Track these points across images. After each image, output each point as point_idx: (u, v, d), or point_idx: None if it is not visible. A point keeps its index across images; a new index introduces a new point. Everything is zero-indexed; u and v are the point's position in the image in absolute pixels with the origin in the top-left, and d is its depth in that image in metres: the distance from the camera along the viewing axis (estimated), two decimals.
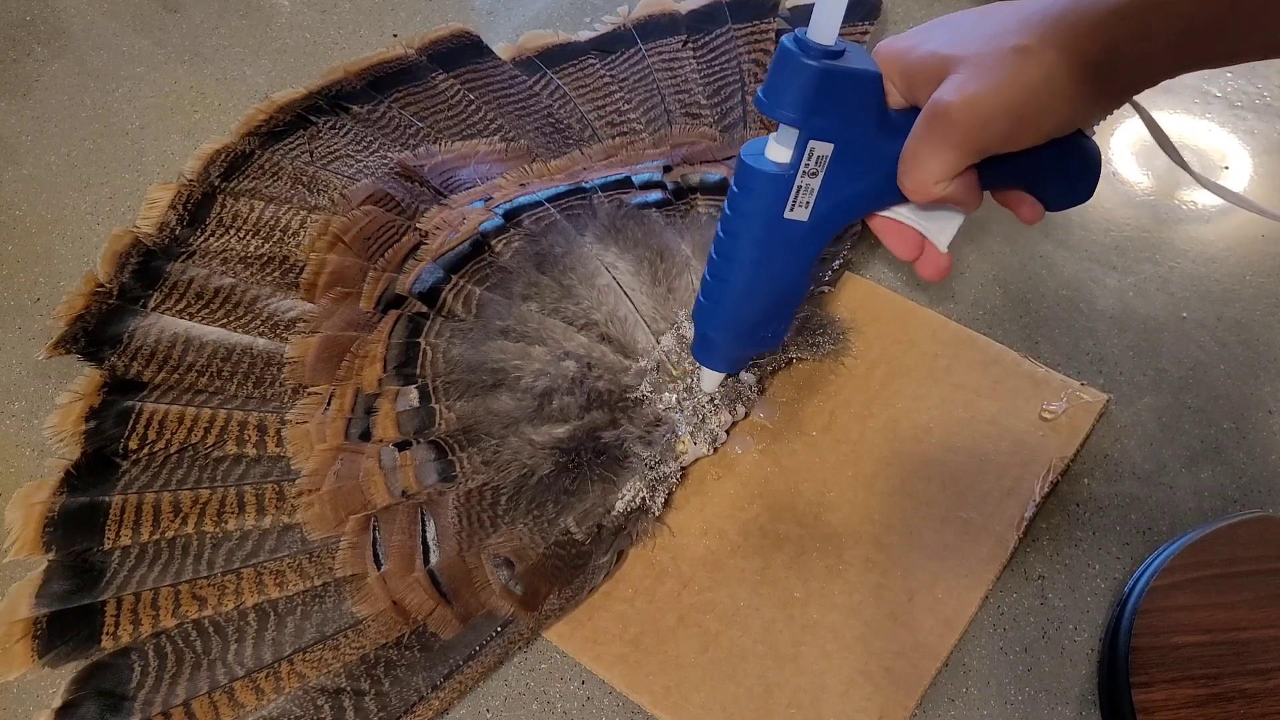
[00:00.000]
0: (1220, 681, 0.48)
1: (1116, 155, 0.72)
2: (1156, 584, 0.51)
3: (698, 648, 0.52)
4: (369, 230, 0.67)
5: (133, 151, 0.78)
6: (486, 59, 0.80)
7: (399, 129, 0.75)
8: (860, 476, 0.57)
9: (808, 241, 0.44)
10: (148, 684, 0.51)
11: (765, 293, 0.46)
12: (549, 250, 0.63)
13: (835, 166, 0.41)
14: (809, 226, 0.43)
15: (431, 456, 0.56)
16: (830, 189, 0.42)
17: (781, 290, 0.46)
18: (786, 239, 0.43)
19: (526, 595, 0.52)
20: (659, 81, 0.77)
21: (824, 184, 0.42)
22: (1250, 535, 0.52)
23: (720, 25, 0.79)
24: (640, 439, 0.55)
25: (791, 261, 0.45)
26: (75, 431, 0.60)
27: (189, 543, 0.56)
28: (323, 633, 0.52)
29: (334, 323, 0.63)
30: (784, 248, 0.44)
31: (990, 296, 0.65)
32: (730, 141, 0.72)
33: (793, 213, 0.43)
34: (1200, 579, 0.51)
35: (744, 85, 0.75)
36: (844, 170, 0.41)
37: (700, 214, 0.66)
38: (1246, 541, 0.52)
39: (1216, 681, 0.48)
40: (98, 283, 0.66)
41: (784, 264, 0.45)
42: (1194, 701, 0.47)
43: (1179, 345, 0.62)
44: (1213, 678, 0.48)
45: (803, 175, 0.41)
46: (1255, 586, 0.50)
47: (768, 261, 0.45)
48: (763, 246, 0.44)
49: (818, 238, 0.44)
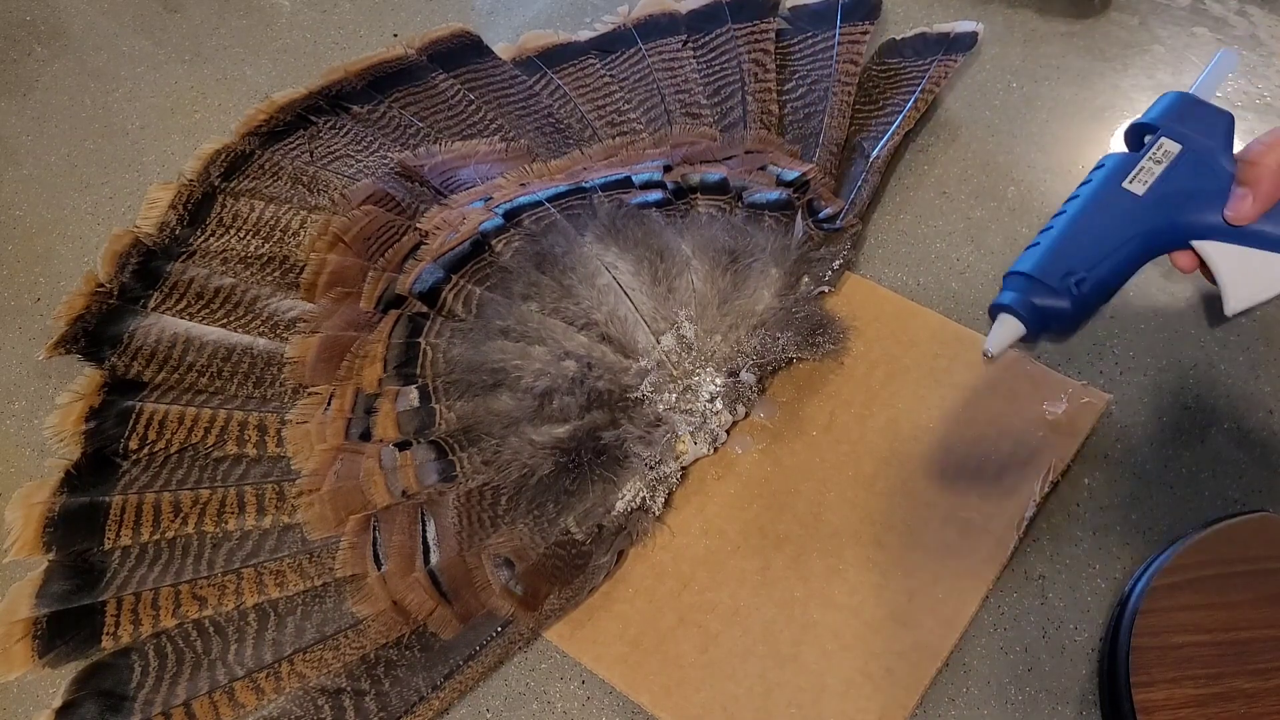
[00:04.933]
0: (1221, 681, 0.48)
1: None
2: (1157, 584, 0.51)
3: (698, 648, 0.52)
4: (369, 230, 0.67)
5: (133, 151, 0.78)
6: (486, 59, 0.80)
7: (399, 129, 0.75)
8: (860, 476, 0.57)
9: (1136, 214, 0.51)
10: (148, 684, 0.51)
11: (1086, 244, 0.52)
12: (549, 250, 0.63)
13: (1179, 165, 0.51)
14: (1142, 202, 0.51)
15: (432, 456, 0.56)
16: (1169, 179, 0.51)
17: (1100, 251, 0.52)
18: (1117, 202, 0.51)
19: (526, 595, 0.52)
20: (659, 81, 0.77)
21: (1164, 173, 0.51)
22: (1250, 535, 0.52)
23: (720, 25, 0.79)
24: (640, 439, 0.55)
25: (1116, 225, 0.51)
26: (75, 431, 0.60)
27: (189, 543, 0.56)
28: (323, 633, 0.52)
29: (334, 323, 0.63)
30: (1113, 209, 0.51)
31: (990, 296, 0.65)
32: (730, 141, 0.72)
33: (1130, 184, 0.51)
34: (1201, 579, 0.51)
35: (744, 85, 0.75)
36: (1186, 170, 0.51)
37: (700, 214, 0.66)
38: (1246, 541, 0.52)
39: (1217, 681, 0.48)
40: (98, 283, 0.66)
41: (1109, 224, 0.52)
42: (1194, 701, 0.47)
43: (1179, 345, 0.62)
44: (1213, 677, 0.48)
45: (1148, 159, 0.51)
46: (1256, 586, 0.50)
47: (1096, 214, 0.52)
48: (1096, 200, 0.52)
49: (1147, 215, 0.51)
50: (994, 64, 0.78)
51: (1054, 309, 0.52)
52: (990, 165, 0.72)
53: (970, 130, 0.74)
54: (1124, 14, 0.81)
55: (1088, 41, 0.79)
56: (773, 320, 0.60)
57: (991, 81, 0.77)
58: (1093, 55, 0.78)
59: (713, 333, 0.60)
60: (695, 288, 0.61)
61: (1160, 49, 0.78)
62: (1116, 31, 0.80)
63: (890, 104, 0.73)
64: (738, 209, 0.66)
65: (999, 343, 0.53)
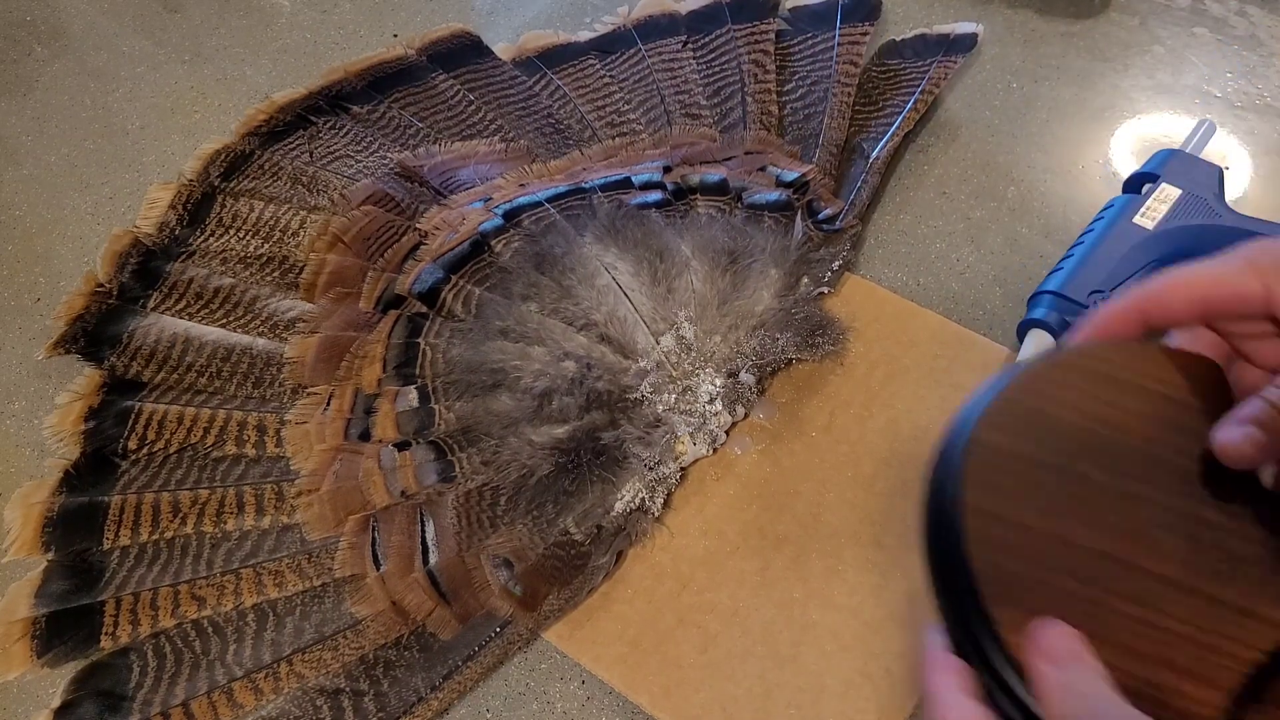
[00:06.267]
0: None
1: (1115, 156, 0.72)
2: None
3: (697, 648, 0.52)
4: (369, 230, 0.67)
5: (133, 151, 0.78)
6: (486, 59, 0.80)
7: (399, 129, 0.75)
8: (860, 476, 0.57)
9: (1148, 244, 0.59)
10: (146, 684, 0.51)
11: (1107, 267, 0.59)
12: (549, 250, 0.63)
13: (1180, 207, 0.60)
14: (1153, 235, 0.60)
15: (431, 457, 0.56)
16: (1173, 217, 0.60)
17: (1119, 273, 0.59)
18: (1130, 233, 0.60)
19: (526, 596, 0.52)
20: (659, 82, 0.77)
21: (1169, 212, 0.60)
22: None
23: (720, 26, 0.79)
24: (639, 440, 0.55)
25: (1131, 252, 0.59)
26: (75, 431, 0.60)
27: (188, 543, 0.56)
28: (322, 633, 0.52)
29: (334, 323, 0.63)
30: (1127, 239, 0.60)
31: (990, 296, 0.65)
32: (730, 142, 0.72)
33: (1140, 219, 0.60)
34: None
35: (744, 86, 0.75)
36: (1186, 211, 0.60)
37: (700, 214, 0.66)
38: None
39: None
40: (97, 283, 0.66)
41: (1125, 251, 0.59)
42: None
43: None
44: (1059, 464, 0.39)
45: (1154, 200, 0.61)
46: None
47: (1113, 243, 0.60)
48: (1111, 232, 0.60)
49: (1157, 245, 0.59)
50: (994, 64, 0.78)
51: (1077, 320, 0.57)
52: (990, 165, 0.72)
53: (970, 130, 0.74)
54: (1124, 14, 0.81)
55: (1088, 41, 0.79)
56: (772, 321, 0.60)
57: (991, 81, 0.77)
58: (1093, 55, 0.78)
59: (712, 333, 0.60)
60: (695, 288, 0.61)
61: (1160, 49, 0.78)
62: (1116, 31, 0.80)
63: (890, 105, 0.73)
64: (737, 210, 0.66)
65: (1032, 357, 0.57)
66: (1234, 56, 0.77)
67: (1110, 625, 0.36)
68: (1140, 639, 0.36)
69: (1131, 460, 0.40)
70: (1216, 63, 0.77)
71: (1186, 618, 0.37)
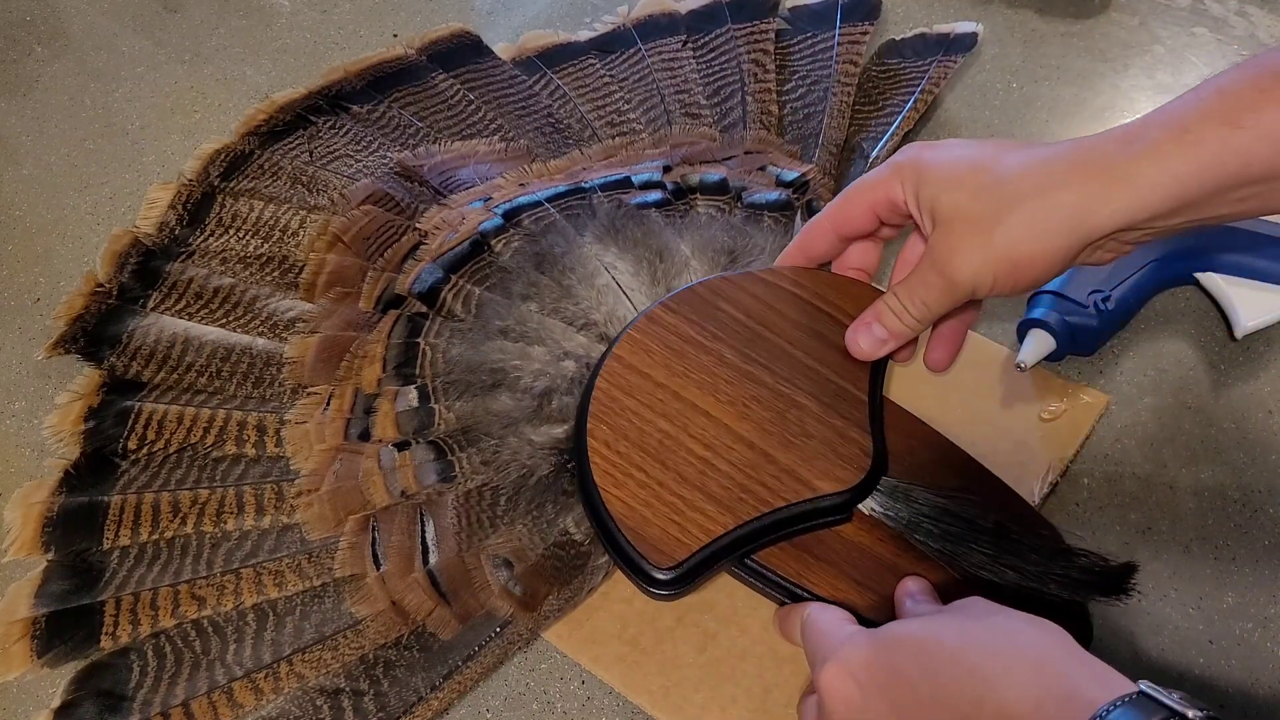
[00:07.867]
0: None
1: None
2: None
3: (696, 648, 0.52)
4: (368, 230, 0.67)
5: (133, 151, 0.78)
6: (486, 59, 0.80)
7: (399, 129, 0.75)
8: None
9: (1148, 245, 0.55)
10: (147, 684, 0.51)
11: (1098, 269, 0.59)
12: (548, 250, 0.63)
13: None
14: (1107, 270, 0.59)
15: (431, 457, 0.56)
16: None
17: (1119, 274, 0.60)
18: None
19: (525, 596, 0.52)
20: (659, 81, 0.77)
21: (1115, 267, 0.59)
22: None
23: (720, 25, 0.79)
24: None
25: (1131, 253, 0.57)
26: (74, 431, 0.60)
27: (188, 543, 0.56)
28: (322, 633, 0.52)
29: (333, 323, 0.63)
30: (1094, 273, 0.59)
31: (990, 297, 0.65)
32: (730, 142, 0.72)
33: None
34: None
35: (744, 85, 0.75)
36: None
37: (700, 214, 0.66)
38: None
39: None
40: (97, 283, 0.66)
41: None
42: None
43: (1179, 345, 0.62)
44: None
45: None
46: None
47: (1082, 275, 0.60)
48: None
49: (1156, 246, 0.59)
50: (994, 64, 0.78)
51: (1082, 325, 0.58)
52: None
53: (970, 130, 0.74)
54: (1124, 14, 0.81)
55: (1088, 42, 0.79)
56: None
57: (991, 81, 0.77)
58: (1093, 55, 0.78)
59: None
60: None
61: (1160, 49, 0.78)
62: (1116, 32, 0.80)
63: (890, 104, 0.73)
64: (737, 209, 0.66)
65: (1032, 355, 0.58)
66: (1234, 56, 0.77)
67: (671, 453, 0.47)
68: (690, 468, 0.47)
69: (763, 350, 0.51)
70: (1216, 63, 0.77)
71: (739, 463, 0.47)
